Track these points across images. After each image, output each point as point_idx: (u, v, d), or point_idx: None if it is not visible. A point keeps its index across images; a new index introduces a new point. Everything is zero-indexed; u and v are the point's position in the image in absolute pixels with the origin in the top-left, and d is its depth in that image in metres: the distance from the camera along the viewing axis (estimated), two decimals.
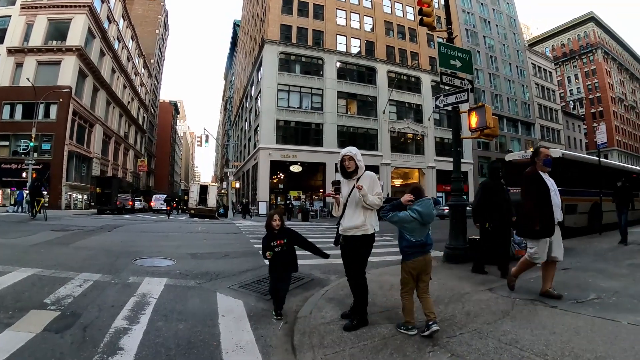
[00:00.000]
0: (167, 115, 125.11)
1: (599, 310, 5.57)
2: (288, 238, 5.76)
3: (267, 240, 5.66)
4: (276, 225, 5.65)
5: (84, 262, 8.79)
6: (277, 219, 5.69)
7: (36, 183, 22.69)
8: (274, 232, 5.66)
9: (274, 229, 5.66)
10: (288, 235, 5.79)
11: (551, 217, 6.45)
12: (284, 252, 5.64)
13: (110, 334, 4.57)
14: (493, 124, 10.13)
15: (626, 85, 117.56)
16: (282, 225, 5.76)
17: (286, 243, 5.69)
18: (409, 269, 4.87)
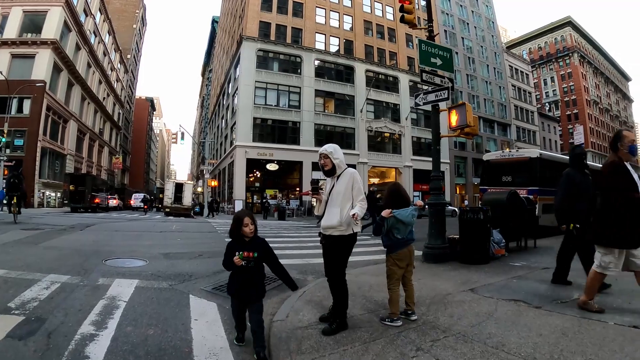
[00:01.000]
0: (143, 112, 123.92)
1: (585, 311, 5.46)
2: (260, 251, 4.41)
3: (231, 249, 4.39)
4: (250, 231, 4.36)
5: (53, 263, 8.43)
6: (250, 223, 4.38)
7: (12, 180, 19.64)
8: (243, 239, 4.40)
9: (245, 236, 4.39)
10: (260, 248, 4.45)
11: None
12: (251, 270, 4.35)
13: (76, 340, 4.28)
14: (473, 123, 10.05)
15: (601, 89, 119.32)
16: (256, 233, 4.47)
17: (256, 258, 4.36)
18: (394, 261, 5.09)
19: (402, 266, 5.12)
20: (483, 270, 8.60)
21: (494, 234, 10.44)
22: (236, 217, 4.49)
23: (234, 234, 4.48)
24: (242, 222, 4.39)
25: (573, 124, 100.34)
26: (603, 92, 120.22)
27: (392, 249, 5.15)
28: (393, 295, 5.02)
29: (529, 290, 6.84)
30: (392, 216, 5.00)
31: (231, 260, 4.31)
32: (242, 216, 4.43)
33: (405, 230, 5.10)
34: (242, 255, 4.28)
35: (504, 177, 18.56)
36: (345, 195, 4.83)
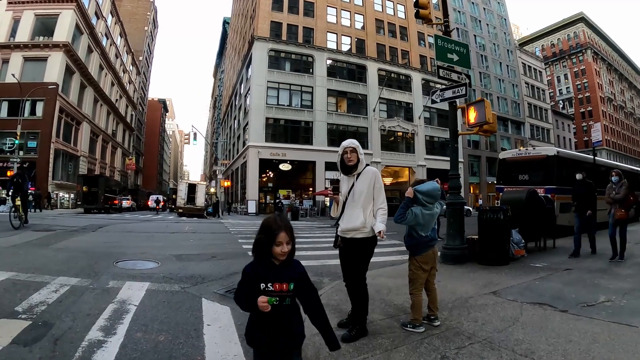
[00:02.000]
0: (155, 114, 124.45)
1: (612, 315, 5.30)
2: (297, 281, 2.79)
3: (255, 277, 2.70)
4: (284, 253, 2.68)
5: (63, 265, 8.29)
6: (287, 241, 2.69)
7: (15, 179, 17.28)
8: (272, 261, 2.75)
9: (278, 257, 2.71)
10: (298, 277, 2.82)
11: None
12: (284, 311, 2.75)
13: (83, 347, 4.09)
14: (492, 120, 9.83)
15: (615, 86, 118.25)
16: (292, 254, 2.80)
17: (292, 293, 2.76)
18: (419, 264, 4.88)
19: (427, 269, 4.93)
20: (503, 272, 8.40)
21: (513, 234, 10.22)
22: (266, 226, 2.71)
23: (260, 252, 2.73)
24: (275, 237, 2.63)
25: (587, 121, 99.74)
26: (617, 89, 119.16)
27: (416, 251, 4.93)
28: (416, 301, 4.80)
29: (553, 292, 6.63)
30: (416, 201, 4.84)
31: (253, 298, 2.59)
32: (276, 229, 2.65)
33: (430, 225, 4.92)
34: (273, 299, 2.61)
35: (520, 175, 18.26)
36: (367, 194, 4.59)
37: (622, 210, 9.89)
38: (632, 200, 10.13)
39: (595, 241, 11.10)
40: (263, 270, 2.70)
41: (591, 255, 10.73)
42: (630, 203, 10.09)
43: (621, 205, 9.93)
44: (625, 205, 9.96)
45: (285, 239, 2.65)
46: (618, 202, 9.96)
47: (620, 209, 9.91)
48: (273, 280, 2.68)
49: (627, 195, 9.91)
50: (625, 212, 9.96)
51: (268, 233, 2.67)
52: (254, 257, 2.82)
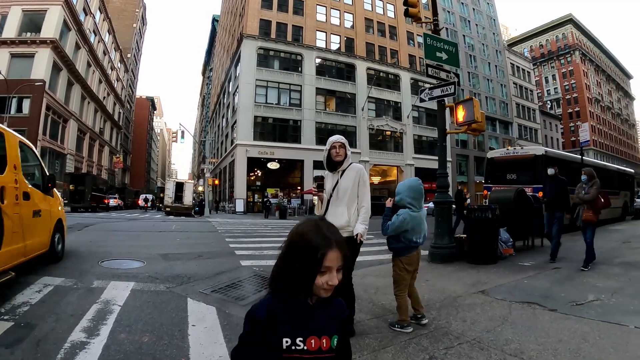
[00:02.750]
0: (143, 111, 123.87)
1: (602, 313, 5.32)
2: (341, 333, 1.70)
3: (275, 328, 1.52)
4: (329, 286, 1.50)
5: (47, 265, 8.09)
6: (339, 263, 1.52)
7: None
8: (305, 304, 1.58)
9: (319, 293, 1.53)
10: (342, 325, 1.72)
11: None
12: None
13: (66, 349, 4.00)
14: (481, 118, 9.84)
15: (603, 87, 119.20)
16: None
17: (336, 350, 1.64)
18: (403, 266, 4.78)
19: (411, 270, 4.87)
20: (492, 271, 8.40)
21: (501, 232, 10.25)
22: (305, 241, 1.54)
23: (289, 287, 1.55)
24: (321, 260, 1.49)
25: (575, 121, 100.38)
26: (605, 90, 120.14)
27: (402, 252, 4.82)
28: (402, 302, 4.75)
29: (542, 291, 6.64)
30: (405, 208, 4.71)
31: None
32: (323, 245, 1.51)
33: (421, 227, 4.82)
34: None
35: (508, 175, 18.32)
36: (352, 192, 4.51)
37: (591, 212, 9.07)
38: (602, 202, 9.15)
39: (559, 246, 10.07)
40: (288, 316, 1.55)
41: (582, 254, 10.74)
42: (601, 205, 9.14)
43: (590, 206, 9.11)
44: (595, 207, 9.08)
45: (337, 261, 1.50)
46: (586, 203, 9.13)
47: (588, 211, 9.10)
48: (305, 332, 1.56)
49: (596, 196, 9.03)
50: (594, 214, 9.10)
51: (308, 253, 1.49)
52: (270, 294, 1.61)
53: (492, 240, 9.55)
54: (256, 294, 6.67)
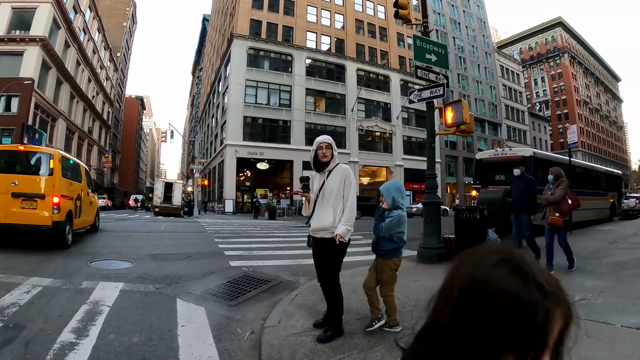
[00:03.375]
0: (133, 111, 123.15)
1: (589, 313, 5.35)
2: None
3: None
4: None
5: (36, 265, 8.12)
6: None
7: None
8: None
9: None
10: None
11: None
12: None
13: (55, 350, 4.01)
14: (469, 120, 9.88)
15: (591, 89, 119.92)
16: None
17: None
18: (395, 266, 4.77)
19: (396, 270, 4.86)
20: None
21: (490, 233, 10.26)
22: (508, 300, 0.76)
23: None
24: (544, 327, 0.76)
25: (563, 123, 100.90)
26: (593, 92, 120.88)
27: (396, 252, 4.81)
28: (392, 303, 4.73)
29: None
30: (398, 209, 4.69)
31: None
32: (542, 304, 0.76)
33: (405, 230, 4.79)
34: None
35: (497, 176, 18.37)
36: (338, 193, 4.50)
37: (557, 214, 8.41)
38: (571, 204, 8.45)
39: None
40: None
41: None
42: (568, 208, 8.46)
43: (556, 208, 8.46)
44: (562, 209, 8.41)
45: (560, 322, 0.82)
46: (552, 205, 8.51)
47: (554, 213, 8.46)
48: None
49: (562, 197, 8.34)
50: (561, 216, 8.42)
51: (517, 317, 0.76)
52: None
53: (480, 241, 9.50)
54: (246, 295, 6.69)
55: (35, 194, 9.89)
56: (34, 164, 10.73)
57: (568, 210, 8.53)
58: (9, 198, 9.68)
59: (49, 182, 10.19)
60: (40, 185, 10.08)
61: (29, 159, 10.93)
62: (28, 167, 10.62)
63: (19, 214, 9.51)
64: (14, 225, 9.63)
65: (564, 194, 8.38)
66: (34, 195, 9.87)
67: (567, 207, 8.42)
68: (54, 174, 10.34)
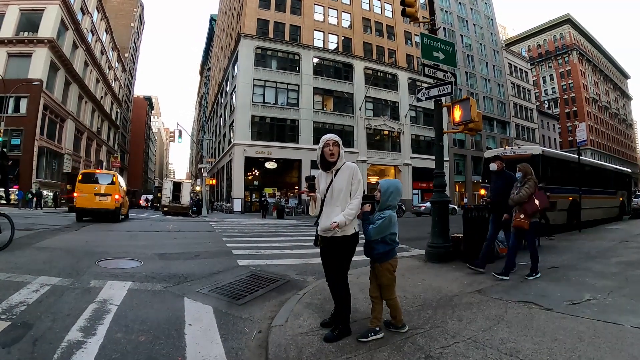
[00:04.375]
0: (141, 111, 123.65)
1: (598, 313, 5.30)
2: None
3: None
4: None
5: (44, 265, 8.13)
6: None
7: None
8: None
9: None
10: None
11: None
12: None
13: (62, 348, 4.01)
14: (477, 118, 9.80)
15: (600, 86, 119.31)
16: None
17: None
18: (393, 268, 4.63)
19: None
20: (489, 270, 8.34)
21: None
22: None
23: None
24: None
25: (572, 121, 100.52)
26: (602, 90, 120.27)
27: (391, 254, 4.65)
28: (397, 304, 4.64)
29: (538, 291, 6.63)
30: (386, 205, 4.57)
31: None
32: None
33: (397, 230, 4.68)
34: None
35: None
36: (346, 191, 4.43)
37: (522, 215, 7.68)
38: (537, 205, 7.69)
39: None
40: None
41: (579, 253, 10.74)
42: (534, 209, 7.67)
43: (522, 209, 7.72)
44: (527, 210, 7.66)
45: None
46: (517, 205, 7.82)
47: (519, 214, 7.74)
48: None
49: (528, 197, 7.64)
50: (527, 218, 7.67)
51: None
52: None
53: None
54: (253, 294, 6.68)
55: (106, 193, 20.74)
56: (104, 179, 22.00)
57: (534, 212, 7.70)
58: (93, 196, 20.66)
59: (112, 188, 21.56)
60: (108, 189, 20.99)
61: (102, 176, 22.69)
62: (102, 180, 21.71)
63: (99, 203, 16.19)
64: (96, 209, 17.16)
65: (530, 193, 7.66)
66: (106, 194, 19.73)
67: (533, 208, 7.66)
68: (115, 184, 21.85)
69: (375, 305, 4.55)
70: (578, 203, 17.80)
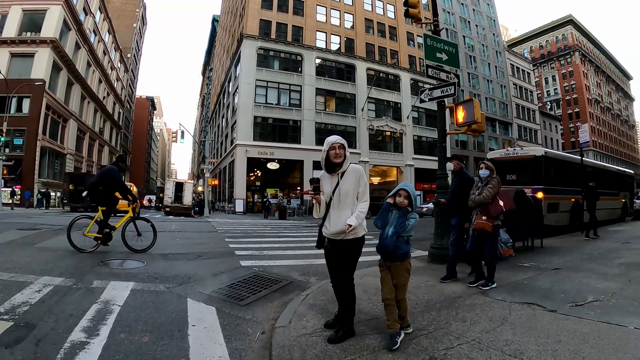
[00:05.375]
0: (143, 111, 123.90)
1: (601, 314, 5.30)
2: None
3: None
4: None
5: (47, 265, 8.10)
6: None
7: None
8: None
9: None
10: None
11: None
12: None
13: (65, 349, 4.00)
14: (481, 119, 9.80)
15: (602, 87, 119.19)
16: None
17: None
18: (410, 267, 4.67)
19: None
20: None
21: (501, 233, 10.17)
22: None
23: None
24: None
25: (574, 122, 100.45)
26: (604, 91, 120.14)
27: (410, 254, 4.65)
28: (407, 304, 4.65)
29: (541, 292, 6.63)
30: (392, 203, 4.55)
31: None
32: None
33: None
34: None
35: (508, 175, 18.24)
36: (353, 194, 4.42)
37: (484, 217, 7.10)
38: (501, 206, 7.07)
39: (455, 265, 7.90)
40: None
41: (582, 255, 10.73)
42: (498, 210, 7.05)
43: (484, 210, 7.15)
44: (491, 211, 7.06)
45: None
46: (479, 206, 7.22)
47: (481, 216, 7.15)
48: None
49: (492, 197, 7.05)
50: (489, 220, 7.06)
51: None
52: None
53: None
54: (256, 294, 6.68)
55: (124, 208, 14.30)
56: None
57: (498, 214, 7.08)
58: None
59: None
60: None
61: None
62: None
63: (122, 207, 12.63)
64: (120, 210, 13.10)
65: (494, 193, 7.07)
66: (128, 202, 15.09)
67: (497, 209, 7.04)
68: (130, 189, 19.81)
69: (391, 307, 4.41)
70: (580, 204, 17.78)
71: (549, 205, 16.25)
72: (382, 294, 4.51)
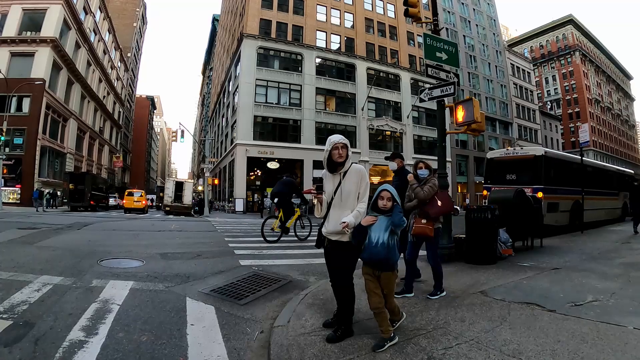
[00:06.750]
0: (143, 111, 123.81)
1: (601, 314, 5.28)
2: None
3: None
4: None
5: (46, 264, 8.13)
6: None
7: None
8: None
9: None
10: None
11: None
12: None
13: (64, 348, 4.01)
14: (480, 119, 9.76)
15: (602, 87, 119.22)
16: None
17: None
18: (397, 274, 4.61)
19: None
20: (491, 271, 8.35)
21: (501, 233, 10.19)
22: None
23: None
24: None
25: (575, 122, 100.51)
26: (604, 91, 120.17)
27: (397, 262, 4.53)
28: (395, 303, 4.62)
29: (540, 292, 6.62)
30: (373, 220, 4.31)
31: None
32: None
33: None
34: None
35: (508, 175, 18.22)
36: (355, 194, 4.42)
37: (424, 220, 6.44)
38: (441, 207, 6.52)
39: (414, 270, 7.08)
40: None
41: (582, 255, 10.73)
42: (437, 210, 6.48)
43: (422, 213, 6.52)
44: (429, 212, 6.44)
45: None
46: (417, 208, 6.64)
47: (420, 219, 6.49)
48: None
49: (430, 197, 6.48)
50: (430, 223, 6.42)
51: None
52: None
53: (492, 241, 9.49)
54: (255, 294, 6.67)
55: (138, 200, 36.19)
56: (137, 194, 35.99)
57: (437, 215, 6.55)
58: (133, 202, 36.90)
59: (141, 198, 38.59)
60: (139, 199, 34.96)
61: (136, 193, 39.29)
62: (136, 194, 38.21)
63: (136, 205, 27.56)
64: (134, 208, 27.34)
65: (432, 193, 6.49)
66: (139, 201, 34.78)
67: (436, 210, 6.46)
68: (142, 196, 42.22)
69: (383, 314, 4.32)
70: (580, 204, 17.77)
71: (548, 205, 16.22)
72: (372, 303, 4.36)
